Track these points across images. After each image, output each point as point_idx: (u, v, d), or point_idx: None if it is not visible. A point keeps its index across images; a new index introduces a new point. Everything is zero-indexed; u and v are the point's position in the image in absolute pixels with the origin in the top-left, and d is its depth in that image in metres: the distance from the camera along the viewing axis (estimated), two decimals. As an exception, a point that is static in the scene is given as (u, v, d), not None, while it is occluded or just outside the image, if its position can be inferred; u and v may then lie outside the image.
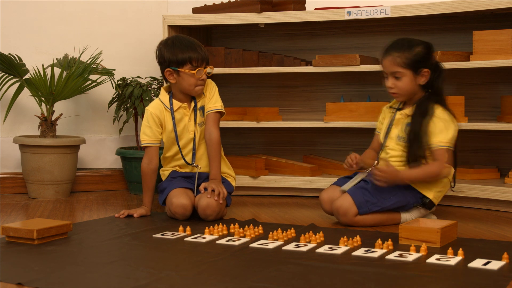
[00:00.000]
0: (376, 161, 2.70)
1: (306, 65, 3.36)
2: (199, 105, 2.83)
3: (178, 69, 2.74)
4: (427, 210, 2.68)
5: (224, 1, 3.53)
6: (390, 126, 2.73)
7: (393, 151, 2.69)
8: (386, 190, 2.58)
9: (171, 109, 2.80)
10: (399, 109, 2.73)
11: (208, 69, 2.78)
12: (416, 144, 2.60)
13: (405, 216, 2.64)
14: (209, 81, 2.87)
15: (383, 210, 2.60)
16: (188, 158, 2.83)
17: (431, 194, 2.63)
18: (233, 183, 2.92)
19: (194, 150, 2.83)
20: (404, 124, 2.67)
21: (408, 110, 2.68)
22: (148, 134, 2.80)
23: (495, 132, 3.31)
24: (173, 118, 2.80)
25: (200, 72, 2.74)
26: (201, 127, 2.83)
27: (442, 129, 2.59)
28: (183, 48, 2.75)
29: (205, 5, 3.51)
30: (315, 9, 3.36)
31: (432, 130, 2.59)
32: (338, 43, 3.61)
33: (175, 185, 2.75)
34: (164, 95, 2.84)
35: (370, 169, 2.65)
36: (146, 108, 2.84)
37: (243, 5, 3.36)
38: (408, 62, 2.62)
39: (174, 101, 2.81)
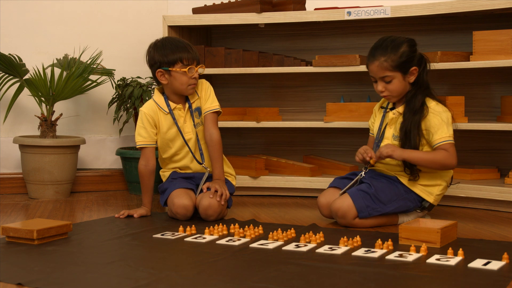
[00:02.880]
0: (368, 163, 2.66)
1: (306, 65, 3.36)
2: (194, 106, 2.82)
3: (169, 68, 2.72)
4: (427, 211, 2.68)
5: (224, 1, 3.53)
6: (384, 126, 2.70)
7: None
8: (387, 195, 2.57)
9: (170, 110, 2.79)
10: (391, 109, 2.71)
11: (200, 69, 2.76)
12: (408, 142, 2.58)
13: (403, 219, 2.64)
14: (203, 81, 2.86)
15: (382, 215, 2.60)
16: (189, 160, 2.82)
17: (432, 198, 2.63)
18: (234, 182, 2.92)
19: (201, 151, 2.82)
20: (399, 123, 2.64)
21: (400, 108, 2.65)
22: (143, 135, 2.78)
23: (495, 132, 3.31)
24: (174, 118, 2.79)
25: (191, 70, 2.72)
26: (197, 128, 2.82)
27: (442, 125, 2.57)
28: (173, 48, 2.72)
29: (205, 5, 3.51)
30: (315, 9, 3.36)
31: (431, 127, 2.57)
32: (338, 43, 3.61)
33: (177, 185, 2.75)
34: (158, 96, 2.82)
35: (364, 170, 2.66)
36: (140, 109, 2.82)
37: (243, 5, 3.36)
38: (396, 65, 2.57)
39: (169, 102, 2.80)
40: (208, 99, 2.82)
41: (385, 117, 2.70)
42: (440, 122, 2.57)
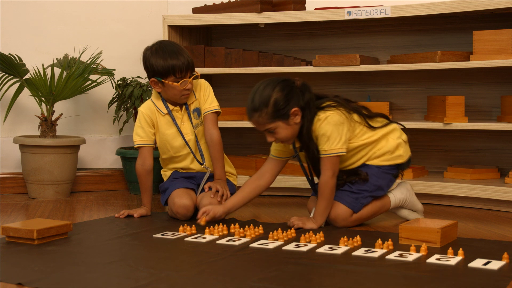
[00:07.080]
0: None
1: (306, 65, 3.36)
2: (192, 107, 2.81)
3: (163, 80, 2.71)
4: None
5: (224, 1, 3.53)
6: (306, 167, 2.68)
7: None
8: (367, 183, 2.58)
9: (169, 111, 2.78)
10: (300, 151, 2.64)
11: (194, 76, 2.74)
12: (317, 163, 2.56)
13: (392, 196, 2.65)
14: (202, 81, 2.84)
15: (372, 199, 2.60)
16: (189, 161, 2.81)
17: (401, 158, 2.61)
18: (235, 182, 2.92)
19: (201, 152, 2.81)
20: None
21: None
22: (140, 135, 2.78)
23: (495, 132, 3.31)
24: (173, 119, 2.79)
25: (184, 83, 2.70)
26: (196, 129, 2.82)
27: (327, 138, 2.49)
28: (166, 57, 2.68)
29: (205, 5, 3.51)
30: (315, 9, 3.36)
31: (319, 140, 2.52)
32: (338, 43, 3.61)
33: (177, 185, 2.75)
34: (156, 96, 2.81)
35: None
36: (138, 108, 2.82)
37: (243, 5, 3.36)
38: (271, 117, 2.45)
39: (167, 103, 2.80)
40: (207, 99, 2.82)
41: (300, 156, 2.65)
42: (324, 136, 2.49)
